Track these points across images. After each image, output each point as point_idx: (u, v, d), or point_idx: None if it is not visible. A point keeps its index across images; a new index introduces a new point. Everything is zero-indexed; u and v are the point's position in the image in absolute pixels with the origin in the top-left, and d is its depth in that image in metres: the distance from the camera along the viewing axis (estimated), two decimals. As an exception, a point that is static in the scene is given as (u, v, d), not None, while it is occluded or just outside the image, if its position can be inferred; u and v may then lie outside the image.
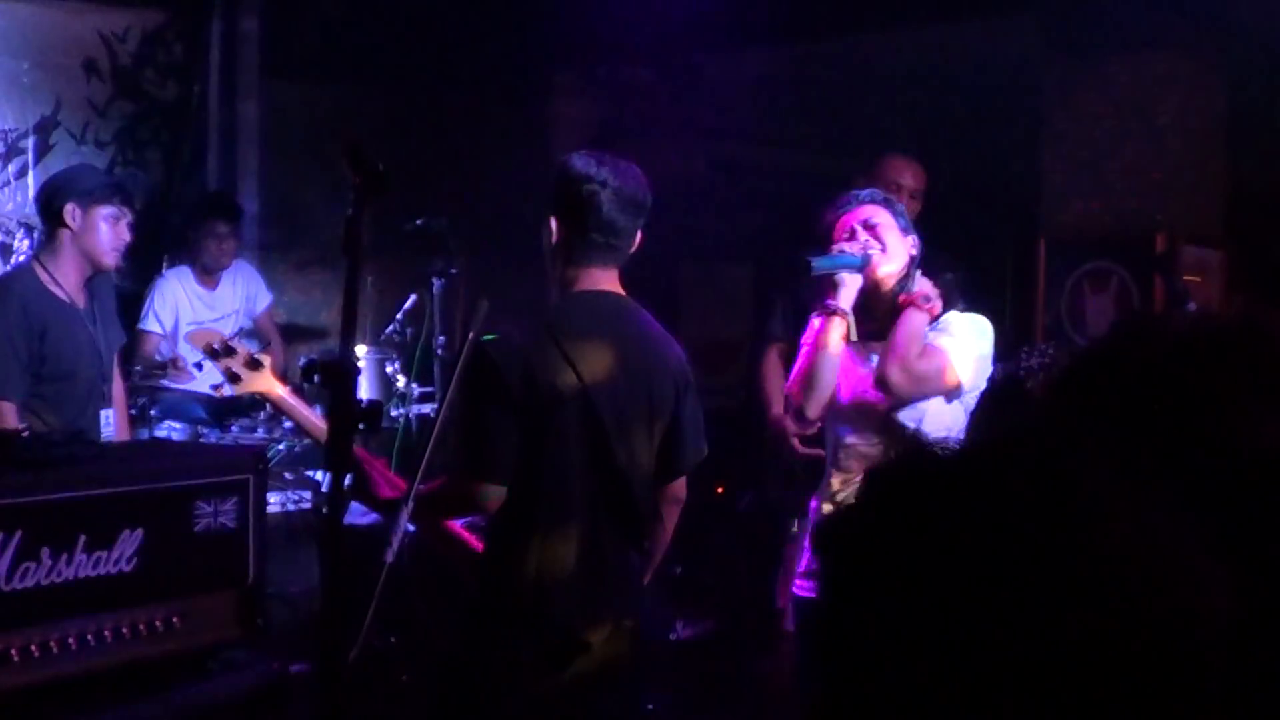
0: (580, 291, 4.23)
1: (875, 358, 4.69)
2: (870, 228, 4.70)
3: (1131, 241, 6.98)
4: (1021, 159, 7.54)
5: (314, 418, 4.48)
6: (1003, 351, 5.73)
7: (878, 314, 4.76)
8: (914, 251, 4.74)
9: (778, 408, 6.60)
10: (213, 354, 4.47)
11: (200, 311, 7.70)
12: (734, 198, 9.22)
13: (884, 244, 4.68)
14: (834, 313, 4.65)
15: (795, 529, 6.18)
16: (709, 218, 9.27)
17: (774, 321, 6.84)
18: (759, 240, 9.41)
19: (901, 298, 4.68)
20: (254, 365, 4.45)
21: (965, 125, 7.88)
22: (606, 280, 4.26)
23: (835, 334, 4.65)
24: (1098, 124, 7.20)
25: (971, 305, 4.82)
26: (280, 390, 4.55)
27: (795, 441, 6.35)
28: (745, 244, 9.48)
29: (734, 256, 9.70)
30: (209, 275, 7.74)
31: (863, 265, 4.66)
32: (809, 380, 4.70)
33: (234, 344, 4.47)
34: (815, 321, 4.71)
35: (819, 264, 4.62)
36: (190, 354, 7.02)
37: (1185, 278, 6.84)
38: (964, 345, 4.64)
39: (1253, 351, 1.44)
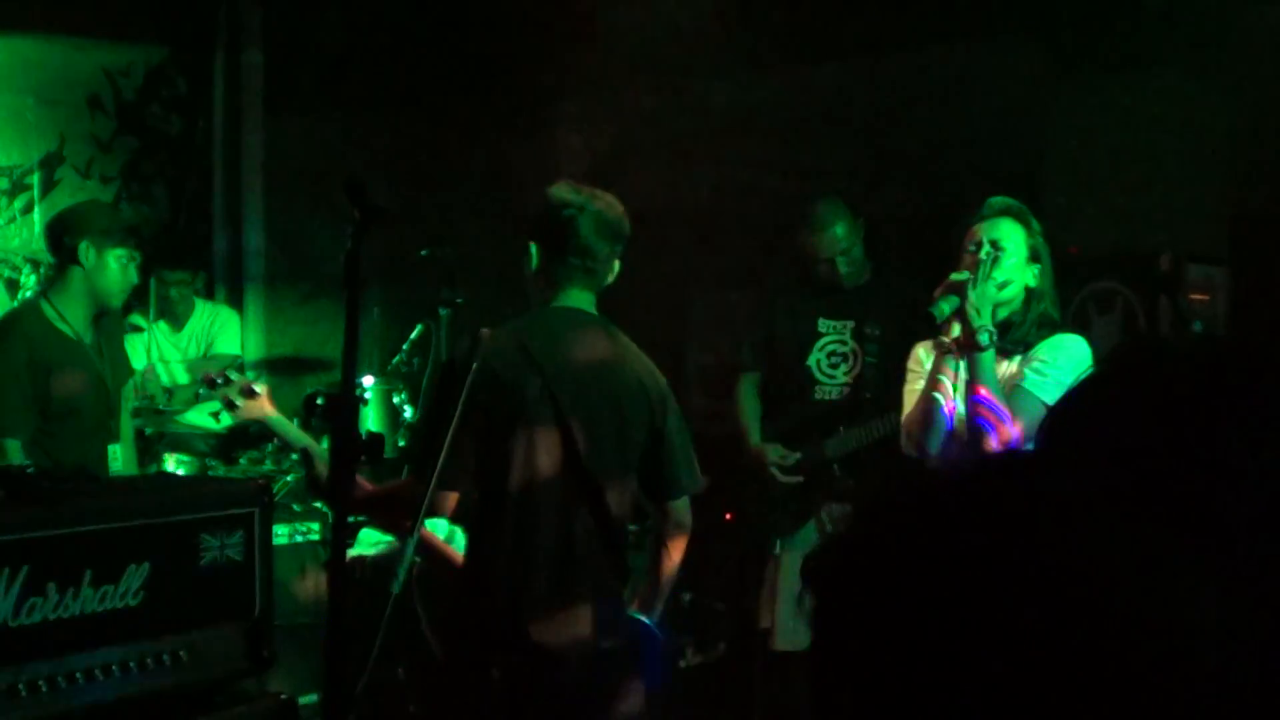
0: (554, 307, 4.36)
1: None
2: (997, 248, 4.61)
3: (1136, 261, 6.96)
4: (1025, 180, 7.54)
5: (310, 441, 4.60)
6: None
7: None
8: (1032, 283, 4.66)
9: (755, 437, 6.63)
10: (211, 384, 4.65)
11: (167, 350, 7.69)
12: (740, 224, 9.21)
13: (1000, 267, 4.59)
14: (966, 348, 4.54)
15: (777, 550, 6.21)
16: (716, 245, 9.27)
17: (745, 351, 6.91)
18: (767, 267, 9.41)
19: (938, 346, 4.60)
20: (250, 394, 4.62)
21: (968, 146, 7.89)
22: (582, 303, 4.40)
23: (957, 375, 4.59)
24: (1101, 144, 7.20)
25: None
26: (275, 414, 4.70)
27: (775, 471, 6.38)
28: (753, 270, 9.48)
29: (742, 283, 9.70)
30: (174, 317, 7.72)
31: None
32: (928, 423, 4.66)
33: (230, 375, 4.66)
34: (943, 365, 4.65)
35: (938, 311, 4.52)
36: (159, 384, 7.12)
37: (1193, 296, 6.83)
38: (1059, 381, 4.45)
39: (1249, 375, 1.44)
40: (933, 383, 4.65)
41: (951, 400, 4.60)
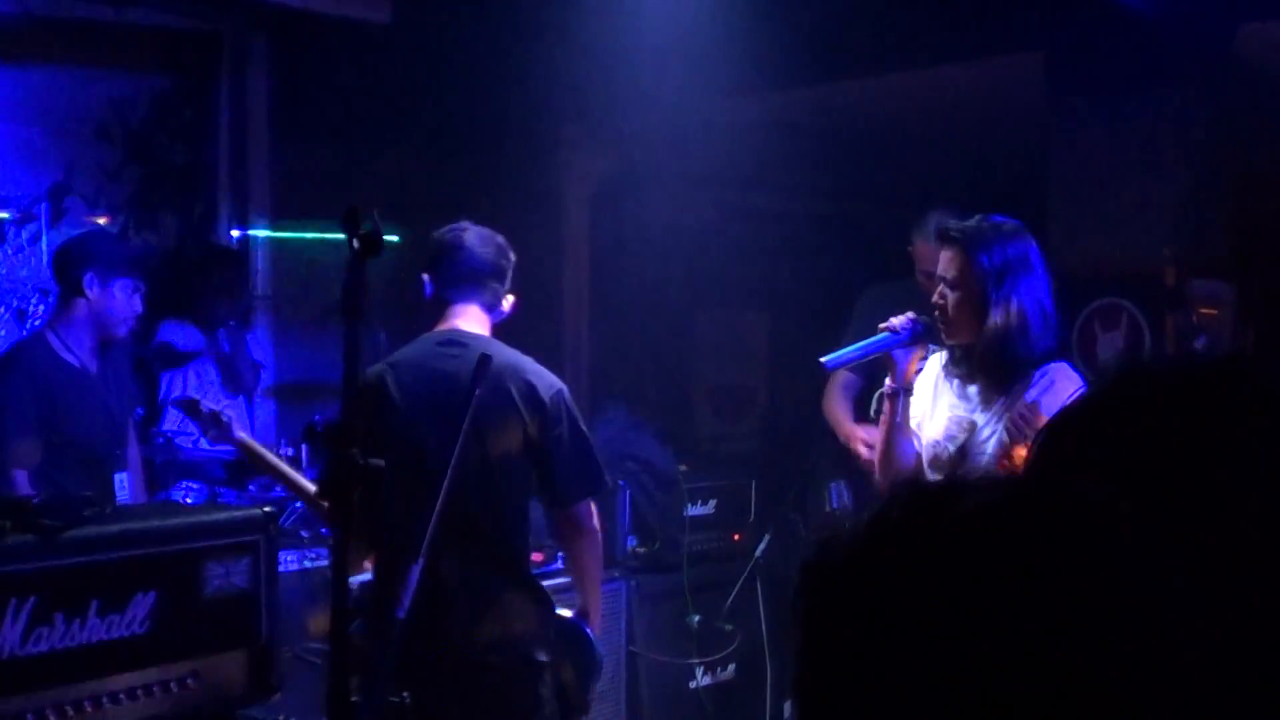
0: (426, 335, 4.73)
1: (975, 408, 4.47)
2: (949, 287, 4.40)
3: (1140, 277, 6.96)
4: (1028, 198, 7.55)
5: (284, 466, 4.77)
6: None
7: (968, 363, 4.49)
8: (998, 319, 4.31)
9: (847, 424, 6.52)
10: (187, 412, 4.83)
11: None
12: (746, 244, 9.23)
13: (947, 315, 4.41)
14: (893, 395, 4.54)
15: None
16: (721, 265, 9.28)
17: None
18: (773, 287, 9.41)
19: (1012, 462, 4.30)
20: (217, 421, 4.78)
21: (972, 165, 7.90)
22: (468, 324, 4.70)
23: (901, 415, 4.54)
24: (1104, 161, 7.20)
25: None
26: (248, 439, 5.10)
27: (862, 449, 6.24)
28: (759, 291, 9.48)
29: (748, 303, 9.70)
30: (208, 330, 7.77)
31: (891, 346, 4.51)
32: (887, 463, 4.63)
33: (201, 405, 4.80)
34: (887, 405, 4.60)
35: (831, 362, 4.55)
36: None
37: (1200, 310, 6.82)
38: None
39: (1242, 393, 1.45)
40: (887, 426, 4.61)
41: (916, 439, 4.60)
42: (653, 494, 7.00)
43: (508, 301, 4.81)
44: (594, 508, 4.83)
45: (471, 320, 4.69)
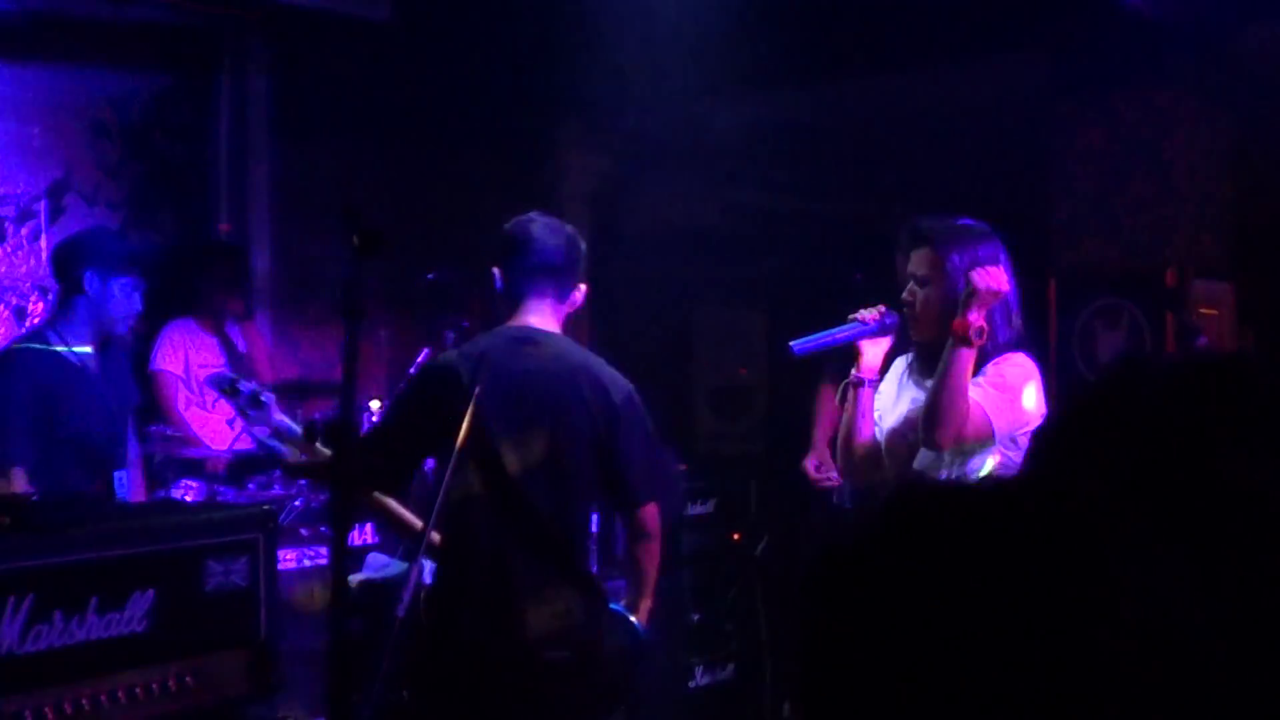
0: (502, 329, 4.60)
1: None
2: (919, 284, 4.46)
3: (1141, 277, 6.97)
4: (1031, 198, 7.55)
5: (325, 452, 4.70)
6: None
7: (933, 359, 4.45)
8: (967, 330, 4.24)
9: (813, 455, 6.63)
10: (225, 392, 4.81)
11: (207, 357, 7.70)
12: (746, 243, 9.22)
13: (915, 311, 4.46)
14: (857, 384, 4.59)
15: None
16: (721, 263, 9.28)
17: (829, 359, 6.78)
18: (772, 285, 9.40)
19: (956, 324, 4.26)
20: (256, 403, 4.74)
21: (974, 166, 7.89)
22: (540, 319, 4.60)
23: (864, 403, 4.60)
24: (1106, 161, 7.20)
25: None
26: (285, 420, 4.86)
27: (811, 472, 6.36)
28: (758, 289, 9.47)
29: (747, 302, 9.69)
30: (213, 325, 7.74)
31: (860, 336, 4.56)
32: (847, 449, 4.68)
33: (239, 384, 4.75)
34: (850, 394, 4.64)
35: (800, 347, 4.52)
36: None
37: (1201, 310, 6.83)
38: (1007, 395, 4.32)
39: (1239, 390, 1.45)
40: (850, 414, 4.66)
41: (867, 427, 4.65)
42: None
43: (579, 292, 4.75)
44: (657, 510, 4.82)
45: (544, 316, 4.61)
